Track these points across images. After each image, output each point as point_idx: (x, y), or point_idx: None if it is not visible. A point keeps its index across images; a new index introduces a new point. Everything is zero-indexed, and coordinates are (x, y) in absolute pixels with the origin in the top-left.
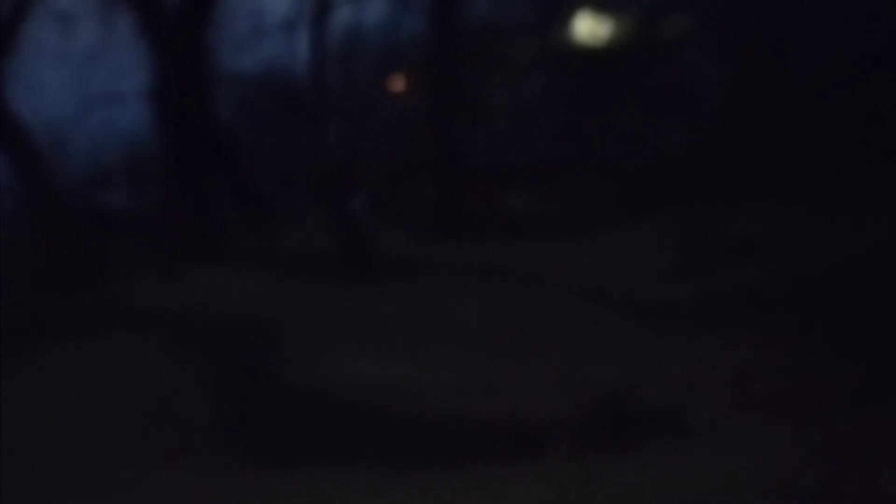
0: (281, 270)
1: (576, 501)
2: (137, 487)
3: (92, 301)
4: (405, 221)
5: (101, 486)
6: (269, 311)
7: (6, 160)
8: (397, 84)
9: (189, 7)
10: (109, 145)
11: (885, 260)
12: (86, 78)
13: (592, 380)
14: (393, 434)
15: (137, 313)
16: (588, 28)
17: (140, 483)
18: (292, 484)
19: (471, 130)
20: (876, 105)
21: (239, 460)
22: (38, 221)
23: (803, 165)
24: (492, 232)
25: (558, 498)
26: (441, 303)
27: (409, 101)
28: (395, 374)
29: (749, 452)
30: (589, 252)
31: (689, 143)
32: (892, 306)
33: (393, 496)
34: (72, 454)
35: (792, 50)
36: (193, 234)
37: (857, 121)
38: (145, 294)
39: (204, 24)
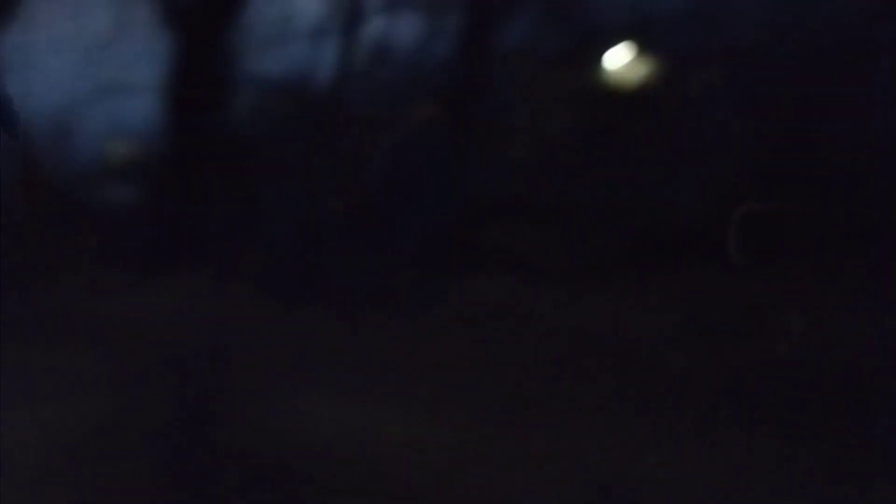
0: (256, 285)
1: None
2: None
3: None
4: (406, 252)
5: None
6: (231, 333)
7: None
8: (418, 107)
9: (212, 2)
10: (115, 139)
11: None
12: (95, 66)
13: (592, 458)
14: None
15: (87, 322)
16: (622, 69)
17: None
18: None
19: (485, 161)
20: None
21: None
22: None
23: (829, 227)
24: (498, 269)
25: None
26: (431, 344)
27: (428, 125)
28: (370, 422)
29: None
30: (596, 302)
31: (708, 200)
32: None
33: None
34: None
35: (824, 109)
36: (173, 238)
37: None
38: (102, 300)
39: (226, 22)
